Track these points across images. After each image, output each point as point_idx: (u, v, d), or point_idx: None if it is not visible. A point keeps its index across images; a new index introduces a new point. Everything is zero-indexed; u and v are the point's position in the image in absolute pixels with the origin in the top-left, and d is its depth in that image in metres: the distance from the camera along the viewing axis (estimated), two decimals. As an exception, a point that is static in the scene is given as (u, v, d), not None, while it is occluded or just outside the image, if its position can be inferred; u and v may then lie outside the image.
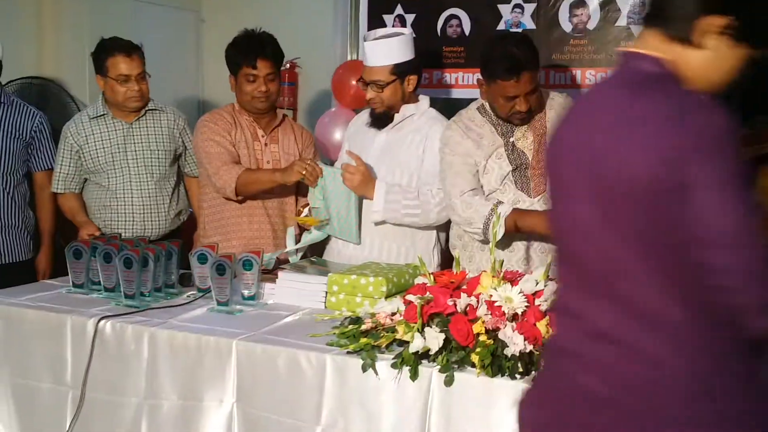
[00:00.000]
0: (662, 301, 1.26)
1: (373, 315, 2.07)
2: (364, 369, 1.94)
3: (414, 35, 2.92)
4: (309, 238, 2.92)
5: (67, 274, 2.67)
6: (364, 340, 1.99)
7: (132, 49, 3.17)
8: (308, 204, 2.91)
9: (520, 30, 3.61)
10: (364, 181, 2.78)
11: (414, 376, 1.89)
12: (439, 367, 1.89)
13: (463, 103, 2.93)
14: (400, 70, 2.82)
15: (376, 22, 3.92)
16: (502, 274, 2.02)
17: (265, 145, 3.09)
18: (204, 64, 4.76)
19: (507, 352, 1.84)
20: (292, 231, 2.99)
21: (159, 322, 2.28)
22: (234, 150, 3.02)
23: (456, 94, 3.81)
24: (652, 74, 1.33)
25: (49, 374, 2.36)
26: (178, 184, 3.36)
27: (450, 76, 3.85)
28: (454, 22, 3.82)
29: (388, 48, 2.82)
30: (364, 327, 2.04)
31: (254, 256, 2.43)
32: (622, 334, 1.30)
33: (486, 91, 2.62)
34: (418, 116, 2.90)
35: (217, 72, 3.75)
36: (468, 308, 1.94)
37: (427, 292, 2.00)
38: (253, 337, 2.15)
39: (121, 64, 3.13)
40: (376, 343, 1.97)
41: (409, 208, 2.78)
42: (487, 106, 2.69)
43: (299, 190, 3.07)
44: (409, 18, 3.89)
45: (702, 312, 1.26)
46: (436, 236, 2.91)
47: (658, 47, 1.34)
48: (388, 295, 2.31)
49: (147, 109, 3.27)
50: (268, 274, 2.61)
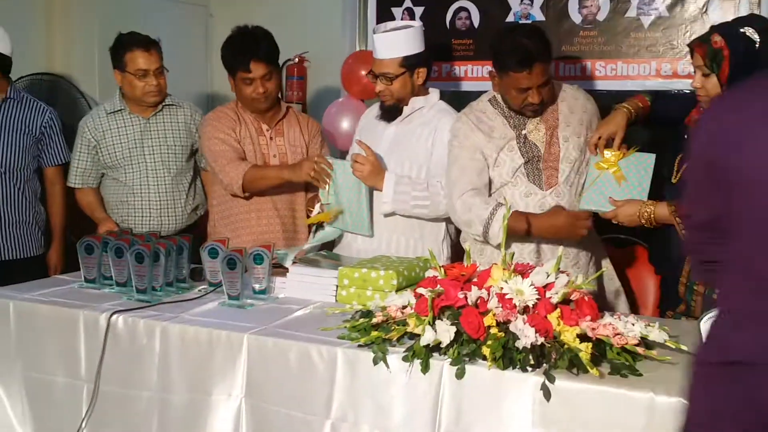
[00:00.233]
0: None
1: (384, 308, 2.07)
2: (375, 362, 1.94)
3: (423, 28, 2.91)
4: (322, 235, 2.92)
5: (79, 269, 2.68)
6: (375, 334, 1.99)
7: (150, 44, 3.17)
8: (319, 201, 2.90)
9: (530, 22, 3.59)
10: (373, 172, 2.77)
11: (425, 369, 1.89)
12: (450, 359, 1.89)
13: (473, 95, 2.91)
14: (410, 63, 2.82)
15: (384, 15, 3.91)
16: (513, 267, 2.01)
17: (270, 138, 3.08)
18: (212, 59, 4.75)
19: (518, 344, 1.83)
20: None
21: (170, 316, 2.29)
22: (239, 146, 3.01)
23: (465, 86, 3.80)
24: None
25: (62, 368, 2.38)
26: (195, 179, 3.36)
27: (459, 69, 3.83)
28: (463, 14, 3.80)
29: (398, 40, 2.82)
30: (375, 320, 2.04)
31: (265, 250, 2.44)
32: None
33: (498, 83, 2.61)
34: (428, 109, 2.89)
35: (225, 67, 3.75)
36: (479, 301, 1.94)
37: (438, 285, 2.00)
38: (264, 331, 2.15)
39: (140, 59, 3.13)
40: (387, 337, 1.97)
41: (418, 199, 2.78)
42: (499, 98, 2.68)
43: (309, 185, 3.06)
44: (418, 11, 3.88)
45: None
46: (445, 229, 2.91)
47: None
48: (399, 289, 2.32)
49: (164, 104, 3.27)
50: (279, 268, 2.62)
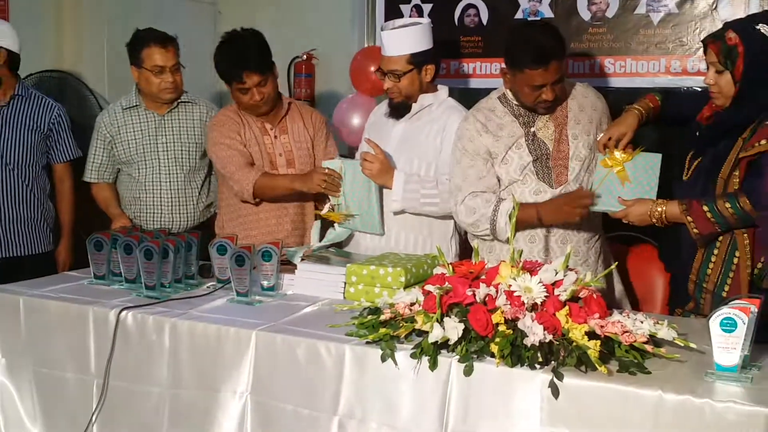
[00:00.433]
0: None
1: (392, 305, 2.07)
2: (383, 359, 1.94)
3: (432, 25, 2.91)
4: (333, 236, 2.91)
5: (88, 266, 2.69)
6: (383, 330, 1.99)
7: (167, 41, 3.17)
8: (329, 202, 2.90)
9: (538, 18, 3.58)
10: (383, 170, 2.77)
11: (433, 366, 1.89)
12: (458, 357, 1.88)
13: (481, 93, 2.91)
14: (418, 60, 2.81)
15: (393, 13, 3.91)
16: (521, 264, 2.01)
17: (275, 137, 3.07)
18: (221, 56, 4.75)
19: (526, 341, 1.83)
20: (317, 225, 2.94)
21: (179, 312, 2.30)
22: (245, 150, 3.00)
23: (474, 84, 3.80)
24: None
25: (72, 364, 2.39)
26: (209, 177, 3.35)
27: (468, 66, 3.83)
28: (472, 11, 3.80)
29: (406, 37, 2.81)
30: (383, 317, 2.04)
31: (273, 247, 2.44)
32: None
33: (510, 81, 2.59)
34: (437, 106, 2.89)
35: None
36: (487, 298, 1.93)
37: (446, 283, 2.00)
38: (273, 328, 2.16)
39: (156, 55, 3.13)
40: (395, 334, 1.97)
41: (427, 197, 2.78)
42: (509, 95, 2.66)
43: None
44: (426, 8, 3.88)
45: None
46: (453, 226, 2.90)
47: None
48: (407, 286, 2.32)
49: (179, 101, 3.27)
50: (288, 265, 2.62)
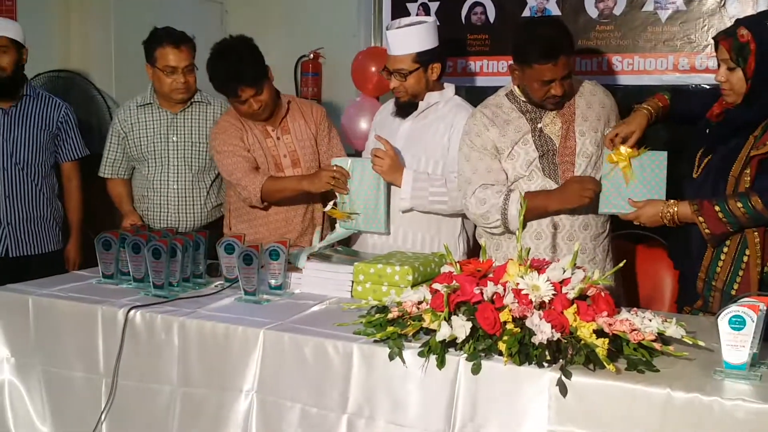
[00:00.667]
0: None
1: (400, 304, 2.07)
2: (391, 357, 1.94)
3: (438, 23, 2.91)
4: (333, 236, 2.90)
5: (97, 265, 2.70)
6: (390, 329, 1.99)
7: (182, 41, 3.16)
8: (335, 198, 2.91)
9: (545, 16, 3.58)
10: (393, 166, 2.77)
11: (441, 364, 1.89)
12: (466, 355, 1.88)
13: (488, 91, 2.90)
14: (423, 59, 2.81)
15: (399, 11, 3.91)
16: (529, 262, 2.01)
17: (278, 138, 3.06)
18: (228, 56, 4.76)
19: (534, 340, 1.83)
20: (318, 232, 2.94)
21: (188, 311, 2.31)
22: (250, 155, 2.99)
23: (480, 82, 3.79)
24: None
25: (81, 363, 2.40)
26: (219, 177, 3.32)
27: (474, 64, 3.83)
28: (479, 9, 3.79)
29: (411, 36, 2.81)
30: (390, 316, 2.04)
31: (281, 246, 2.44)
32: None
33: (519, 77, 2.59)
34: (443, 104, 2.89)
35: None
36: (495, 296, 1.93)
37: (454, 281, 2.00)
38: (281, 326, 2.16)
39: (170, 55, 3.13)
40: (402, 332, 1.97)
41: (436, 195, 2.78)
42: (516, 92, 2.66)
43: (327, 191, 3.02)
44: (433, 6, 3.87)
45: None
46: (461, 224, 2.90)
47: None
48: (414, 284, 2.32)
49: (193, 100, 3.27)
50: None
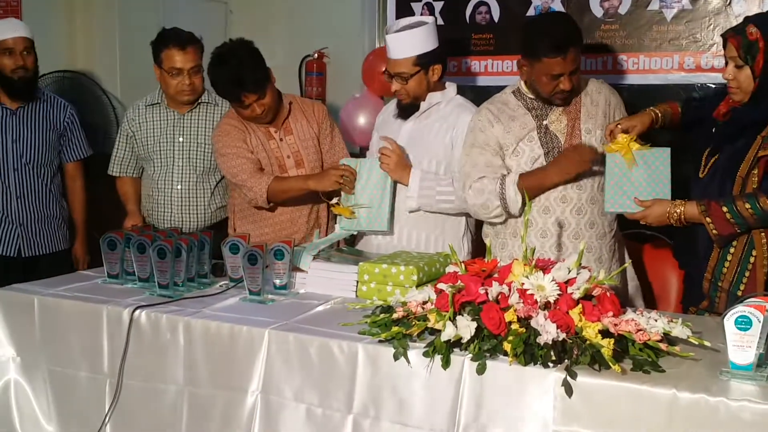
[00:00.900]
0: None
1: (405, 304, 2.07)
2: (396, 357, 1.94)
3: (437, 23, 2.89)
4: (333, 236, 2.91)
5: (101, 265, 2.70)
6: (395, 329, 1.99)
7: (188, 43, 3.14)
8: (338, 197, 2.91)
9: (551, 14, 3.57)
10: (399, 164, 2.78)
11: (446, 364, 1.89)
12: (471, 355, 1.88)
13: (493, 90, 2.89)
14: (424, 61, 2.80)
15: (404, 11, 3.91)
16: (534, 262, 2.01)
17: (281, 140, 3.05)
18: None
19: (539, 340, 1.83)
20: (317, 235, 2.95)
21: (193, 311, 2.31)
22: (254, 156, 2.99)
23: (485, 81, 3.79)
24: None
25: (86, 363, 2.40)
26: (224, 179, 3.30)
27: (479, 64, 3.82)
28: (483, 8, 3.79)
29: (410, 39, 2.79)
30: (395, 316, 2.04)
31: (286, 245, 2.45)
32: None
33: (527, 72, 2.58)
34: (445, 104, 2.88)
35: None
36: (500, 296, 1.93)
37: (459, 281, 2.00)
38: (286, 326, 2.16)
39: (175, 57, 3.12)
40: (407, 332, 1.97)
41: (443, 194, 2.78)
42: (523, 88, 2.66)
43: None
44: (438, 5, 3.87)
45: None
46: (465, 224, 2.90)
47: None
48: (419, 284, 2.32)
49: (201, 101, 3.26)
50: (299, 263, 2.62)
